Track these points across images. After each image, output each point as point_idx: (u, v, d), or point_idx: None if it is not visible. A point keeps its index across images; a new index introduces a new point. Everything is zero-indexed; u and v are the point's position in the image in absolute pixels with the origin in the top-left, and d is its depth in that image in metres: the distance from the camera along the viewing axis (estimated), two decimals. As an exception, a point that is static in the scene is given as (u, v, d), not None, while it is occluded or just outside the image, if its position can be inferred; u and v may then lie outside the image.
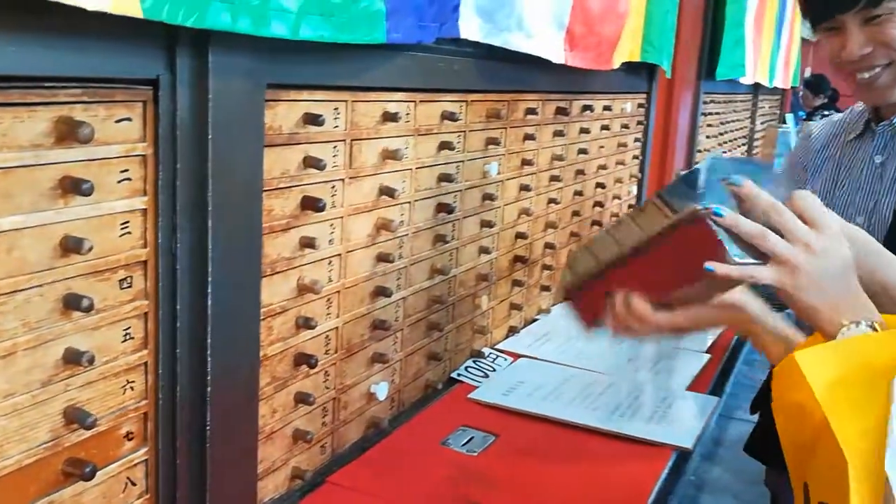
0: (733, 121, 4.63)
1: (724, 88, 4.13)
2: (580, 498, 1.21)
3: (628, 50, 2.17)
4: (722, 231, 0.90)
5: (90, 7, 0.70)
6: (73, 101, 0.78)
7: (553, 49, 1.71)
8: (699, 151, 3.76)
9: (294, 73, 1.05)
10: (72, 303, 0.80)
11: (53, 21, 0.72)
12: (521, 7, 1.53)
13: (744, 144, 5.12)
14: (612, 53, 2.07)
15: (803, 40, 6.43)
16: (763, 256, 0.88)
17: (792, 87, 6.71)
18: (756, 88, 5.05)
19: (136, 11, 0.75)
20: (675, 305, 0.97)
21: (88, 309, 0.80)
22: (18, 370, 0.77)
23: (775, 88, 5.58)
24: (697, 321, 0.99)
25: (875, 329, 0.84)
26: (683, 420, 1.49)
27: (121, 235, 0.85)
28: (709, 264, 0.89)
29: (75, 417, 0.82)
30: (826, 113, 6.54)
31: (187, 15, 0.81)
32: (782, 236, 0.86)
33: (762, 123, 5.57)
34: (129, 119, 0.84)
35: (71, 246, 0.79)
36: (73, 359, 0.81)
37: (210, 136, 0.90)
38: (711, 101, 3.97)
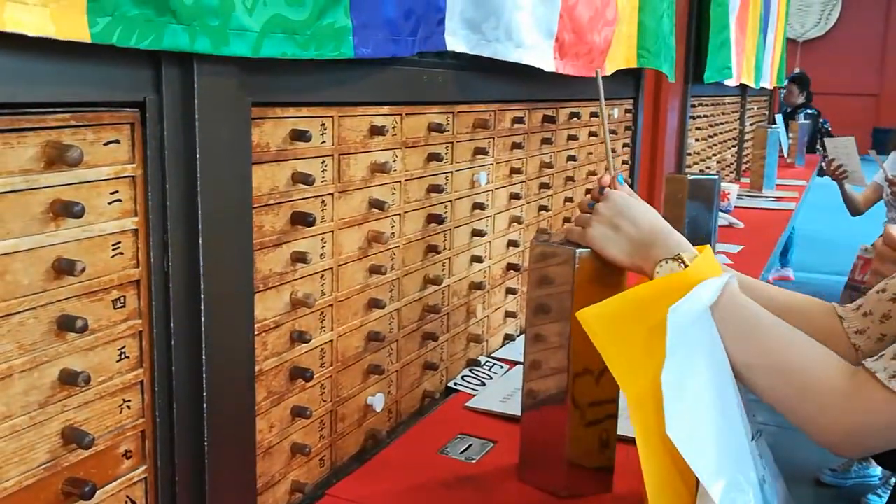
0: (722, 123, 4.66)
1: (712, 91, 4.16)
2: (581, 502, 1.22)
3: (624, 57, 2.18)
4: None
5: (31, 33, 0.69)
6: (61, 125, 0.79)
7: (543, 58, 1.72)
8: (689, 154, 3.78)
9: (279, 90, 1.06)
10: (66, 324, 0.81)
11: (38, 46, 0.73)
12: (508, 17, 1.54)
13: (734, 146, 5.14)
14: (603, 60, 2.08)
15: (789, 40, 6.48)
16: None
17: (778, 87, 6.76)
18: (744, 90, 5.08)
19: (83, 36, 0.74)
20: None
21: (83, 330, 0.81)
22: (15, 392, 0.78)
23: (763, 89, 5.61)
24: None
25: (685, 264, 0.97)
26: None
27: (113, 256, 0.86)
28: None
29: (73, 437, 0.83)
30: (810, 111, 6.71)
31: (141, 38, 0.79)
32: None
33: (751, 124, 5.60)
34: (117, 141, 0.85)
35: (63, 268, 0.80)
36: (69, 380, 0.82)
37: (198, 156, 0.92)
38: (699, 104, 3.99)
